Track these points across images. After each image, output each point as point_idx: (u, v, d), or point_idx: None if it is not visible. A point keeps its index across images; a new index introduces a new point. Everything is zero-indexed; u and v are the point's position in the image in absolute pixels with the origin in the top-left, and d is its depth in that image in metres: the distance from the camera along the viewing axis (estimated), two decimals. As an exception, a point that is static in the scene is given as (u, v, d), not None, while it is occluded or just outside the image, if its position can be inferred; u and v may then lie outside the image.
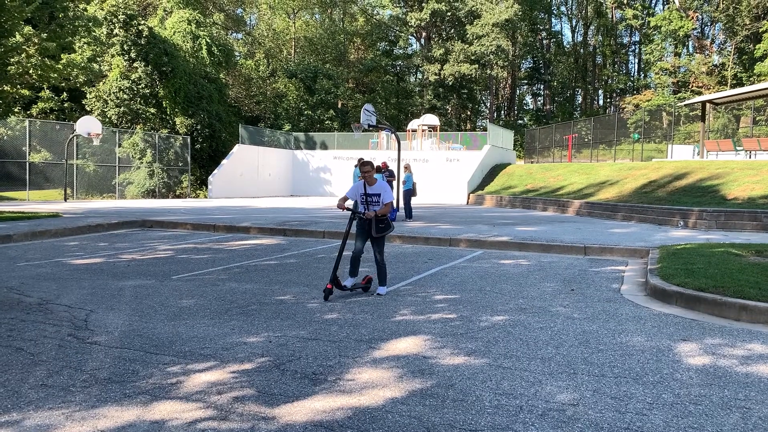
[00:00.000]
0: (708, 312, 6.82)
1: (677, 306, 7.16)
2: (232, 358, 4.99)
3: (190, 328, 5.90)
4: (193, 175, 35.56)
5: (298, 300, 7.30)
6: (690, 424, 3.77)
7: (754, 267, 8.47)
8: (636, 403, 4.11)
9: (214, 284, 8.25)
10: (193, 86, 36.14)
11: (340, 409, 3.95)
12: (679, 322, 6.46)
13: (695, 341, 5.69)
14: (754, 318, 6.45)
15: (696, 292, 7.13)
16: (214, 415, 3.83)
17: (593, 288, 8.33)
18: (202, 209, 22.26)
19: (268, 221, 16.84)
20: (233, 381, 4.45)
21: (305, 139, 40.89)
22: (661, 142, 37.77)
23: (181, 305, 6.91)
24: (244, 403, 4.04)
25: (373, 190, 7.71)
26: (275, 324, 6.11)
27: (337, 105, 49.87)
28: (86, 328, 5.88)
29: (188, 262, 10.30)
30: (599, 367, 4.86)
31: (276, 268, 9.71)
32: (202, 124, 36.04)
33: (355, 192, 7.85)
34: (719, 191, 18.54)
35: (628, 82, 63.78)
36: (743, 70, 51.05)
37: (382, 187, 7.72)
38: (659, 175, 22.36)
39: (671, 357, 5.18)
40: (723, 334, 5.96)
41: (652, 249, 11.12)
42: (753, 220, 15.52)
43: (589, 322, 6.35)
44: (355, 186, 7.89)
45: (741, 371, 4.82)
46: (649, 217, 17.92)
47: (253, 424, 3.69)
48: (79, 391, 4.22)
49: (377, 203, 7.68)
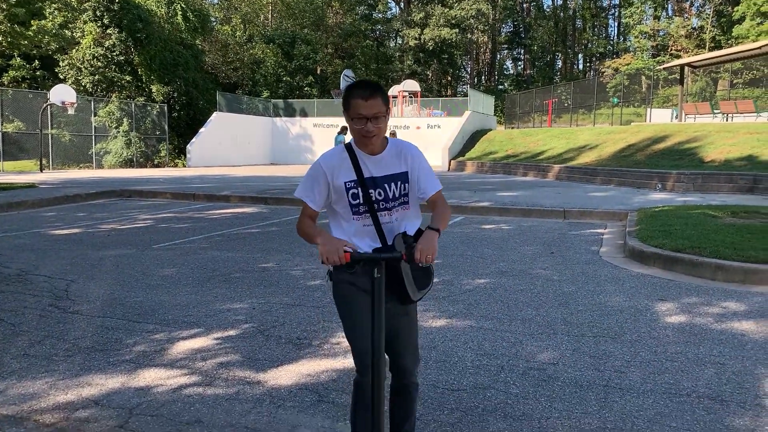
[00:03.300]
0: (685, 272, 6.95)
1: (655, 267, 7.28)
2: (216, 325, 5.00)
3: (173, 297, 5.89)
4: (171, 144, 35.07)
5: (281, 267, 7.31)
6: (666, 381, 3.87)
7: (729, 228, 8.62)
8: (614, 361, 4.20)
9: (196, 253, 8.22)
10: (169, 53, 35.41)
11: (325, 371, 4.00)
12: (657, 282, 6.58)
13: (672, 301, 5.81)
14: (729, 277, 6.59)
15: (673, 253, 7.25)
16: (200, 381, 3.85)
17: (573, 251, 8.44)
18: (181, 178, 22.04)
19: (248, 190, 16.73)
20: (217, 347, 4.47)
21: (284, 106, 40.44)
22: (640, 106, 37.91)
23: (162, 274, 6.89)
24: (228, 368, 4.06)
25: (383, 167, 2.64)
26: (258, 291, 6.12)
27: (316, 71, 49.26)
28: (67, 297, 5.84)
29: (169, 231, 10.24)
30: (578, 327, 4.95)
31: (258, 237, 9.68)
32: (179, 91, 35.45)
33: (318, 185, 2.64)
34: (697, 154, 18.73)
35: (608, 46, 63.72)
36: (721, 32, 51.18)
37: (405, 155, 2.68)
38: (638, 138, 22.50)
39: (649, 316, 5.29)
40: (699, 293, 6.09)
41: (630, 212, 11.25)
42: (729, 182, 15.74)
43: (568, 284, 6.44)
44: (322, 167, 2.64)
45: (716, 328, 4.94)
46: (627, 180, 18.08)
47: (238, 389, 3.72)
48: (62, 360, 4.21)
49: (401, 202, 2.67)
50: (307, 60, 46.51)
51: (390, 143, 2.63)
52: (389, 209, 2.62)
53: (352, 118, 2.50)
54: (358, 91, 2.46)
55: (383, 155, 2.61)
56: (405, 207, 2.65)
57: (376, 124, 2.48)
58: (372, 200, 2.58)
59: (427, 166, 2.71)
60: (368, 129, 2.48)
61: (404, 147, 2.67)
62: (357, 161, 2.58)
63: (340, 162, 2.60)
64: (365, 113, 2.45)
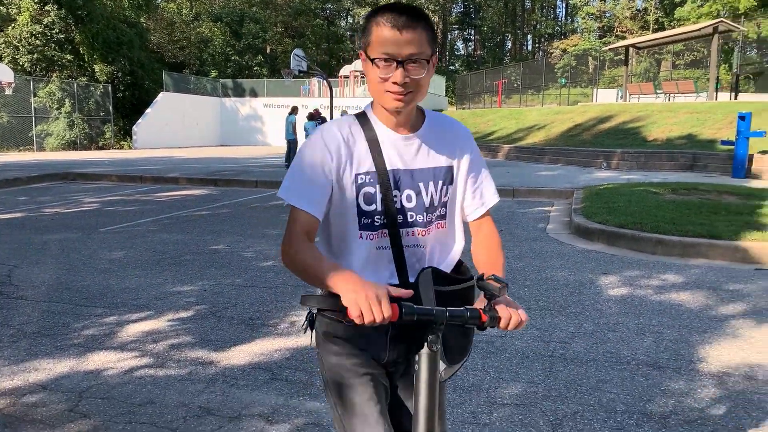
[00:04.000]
0: (627, 247, 7.21)
1: (599, 242, 7.53)
2: (167, 307, 4.96)
3: (122, 280, 5.80)
4: (117, 126, 34.11)
5: (233, 249, 7.26)
6: (608, 350, 4.04)
7: (669, 204, 8.96)
8: (559, 332, 4.36)
9: (144, 236, 8.08)
10: (112, 31, 34.26)
11: (279, 350, 4.03)
12: (601, 257, 6.82)
13: (615, 274, 6.04)
14: (668, 251, 6.87)
15: (616, 229, 7.51)
16: (151, 363, 3.83)
17: (521, 228, 8.64)
18: (127, 160, 21.50)
19: (198, 171, 16.46)
20: (169, 329, 4.44)
21: (233, 86, 39.72)
22: (587, 86, 38.70)
23: (110, 257, 6.76)
24: (180, 350, 4.05)
25: (419, 154, 1.63)
26: (210, 273, 6.08)
27: (265, 50, 48.51)
28: (10, 283, 5.69)
29: (116, 214, 10.02)
30: (525, 301, 5.10)
31: (208, 219, 9.57)
32: (123, 71, 34.42)
33: (320, 177, 1.56)
34: (640, 133, 19.30)
35: (556, 27, 64.65)
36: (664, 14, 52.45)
37: (453, 139, 1.69)
38: (585, 118, 23.02)
39: (592, 290, 5.49)
40: (640, 267, 6.34)
41: (576, 190, 11.55)
42: (670, 160, 16.30)
43: (516, 260, 6.61)
44: (327, 145, 1.57)
45: (655, 300, 5.17)
46: (575, 159, 18.51)
47: (191, 370, 3.72)
48: (7, 346, 4.12)
49: (438, 215, 1.67)
50: (256, 39, 45.75)
51: (429, 117, 1.66)
52: (420, 226, 1.62)
53: (373, 59, 1.48)
54: (390, 16, 1.46)
55: (421, 134, 1.62)
56: (441, 224, 1.67)
57: (415, 75, 1.47)
58: (396, 208, 1.59)
59: (483, 161, 1.75)
60: (399, 82, 1.46)
61: (451, 125, 1.71)
62: (377, 140, 1.58)
63: (350, 141, 1.58)
64: (396, 52, 1.45)
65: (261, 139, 37.43)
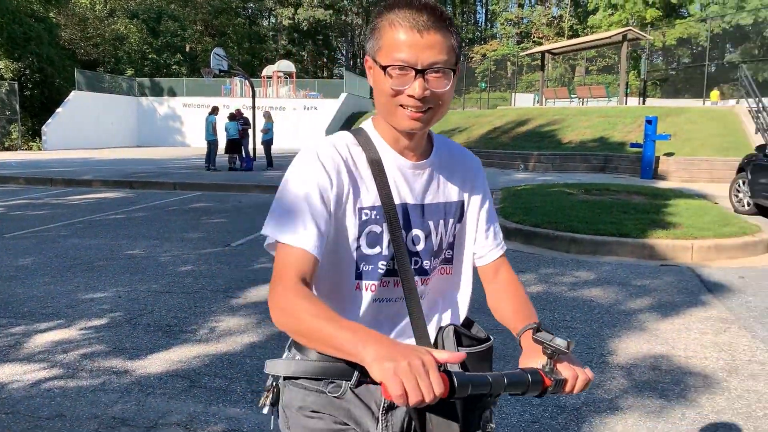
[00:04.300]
0: (543, 246, 7.47)
1: (516, 241, 7.77)
2: (78, 315, 4.75)
3: (29, 288, 5.51)
4: (24, 126, 32.34)
5: (149, 254, 7.03)
6: (516, 346, 4.17)
7: (582, 204, 9.35)
8: (478, 330, 4.46)
9: (54, 241, 7.71)
10: (18, 26, 32.47)
11: (197, 357, 3.94)
12: (518, 255, 7.03)
13: (531, 272, 6.25)
14: (581, 249, 7.17)
15: (532, 228, 7.78)
16: (61, 374, 3.66)
17: (443, 229, 8.79)
18: (36, 162, 20.44)
19: (113, 173, 15.85)
20: (81, 338, 4.26)
21: (151, 85, 38.47)
22: (505, 90, 39.85)
23: (16, 264, 6.41)
24: (93, 359, 3.89)
25: (431, 186, 1.34)
26: (124, 279, 5.87)
27: (184, 49, 47.14)
28: None
29: (23, 218, 9.50)
30: (447, 300, 5.19)
31: (123, 222, 9.23)
32: (31, 68, 32.66)
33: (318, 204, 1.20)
34: (556, 136, 20.05)
35: (476, 32, 66.19)
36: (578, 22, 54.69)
37: (465, 170, 1.41)
38: (503, 122, 23.69)
39: (510, 288, 5.65)
40: (555, 265, 6.59)
41: (495, 191, 11.86)
42: (584, 162, 17.02)
43: (438, 261, 6.71)
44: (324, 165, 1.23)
45: (569, 296, 5.39)
46: (494, 161, 19.01)
47: (104, 380, 3.58)
48: None
49: (444, 259, 1.39)
50: (174, 37, 44.47)
51: (437, 141, 1.39)
52: (423, 274, 1.33)
53: (385, 67, 1.18)
54: (408, 13, 1.17)
55: (432, 162, 1.34)
56: (445, 269, 1.40)
57: (437, 88, 1.20)
58: (406, 251, 1.28)
59: (491, 198, 1.48)
60: (417, 96, 1.18)
61: (461, 153, 1.44)
62: (382, 166, 1.28)
63: (350, 165, 1.27)
64: (415, 59, 1.16)
65: (180, 140, 36.42)
